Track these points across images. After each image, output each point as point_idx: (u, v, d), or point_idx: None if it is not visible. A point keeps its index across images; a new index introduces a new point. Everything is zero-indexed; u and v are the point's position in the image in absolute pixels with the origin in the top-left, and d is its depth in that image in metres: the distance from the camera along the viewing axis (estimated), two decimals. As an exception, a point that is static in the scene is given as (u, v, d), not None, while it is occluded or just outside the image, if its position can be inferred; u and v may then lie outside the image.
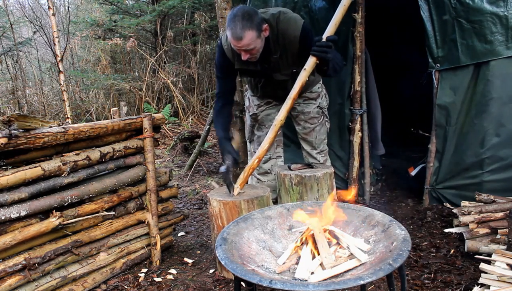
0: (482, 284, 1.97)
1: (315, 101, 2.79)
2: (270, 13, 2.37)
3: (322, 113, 2.84)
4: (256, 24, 2.16)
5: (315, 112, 2.80)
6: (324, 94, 2.85)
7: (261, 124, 2.91)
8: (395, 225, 1.46)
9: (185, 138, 5.28)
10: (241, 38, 2.13)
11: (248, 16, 2.14)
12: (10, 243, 1.83)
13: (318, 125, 2.84)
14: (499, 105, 2.77)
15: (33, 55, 8.47)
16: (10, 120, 1.77)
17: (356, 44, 3.12)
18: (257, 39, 2.20)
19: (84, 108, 7.24)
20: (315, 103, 2.79)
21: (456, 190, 3.02)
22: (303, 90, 2.72)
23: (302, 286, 1.15)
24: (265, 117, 2.87)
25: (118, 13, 7.75)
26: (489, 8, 2.68)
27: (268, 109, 2.86)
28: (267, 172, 2.96)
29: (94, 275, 2.25)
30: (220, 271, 2.41)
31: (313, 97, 2.78)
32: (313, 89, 2.77)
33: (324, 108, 2.85)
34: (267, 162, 2.95)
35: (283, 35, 2.35)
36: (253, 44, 2.20)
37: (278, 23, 2.34)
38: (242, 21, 2.13)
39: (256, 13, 2.20)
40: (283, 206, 1.74)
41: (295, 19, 2.35)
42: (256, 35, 2.18)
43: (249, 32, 2.14)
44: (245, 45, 2.17)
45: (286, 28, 2.33)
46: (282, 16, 2.34)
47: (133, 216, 2.46)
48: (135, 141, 2.44)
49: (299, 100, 2.77)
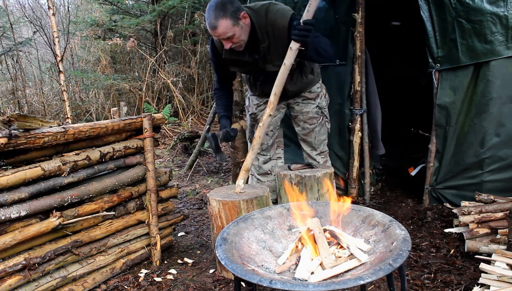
0: (482, 284, 1.97)
1: (314, 101, 2.77)
2: (260, 3, 2.41)
3: (322, 114, 2.83)
4: (230, 13, 2.19)
5: (314, 112, 2.79)
6: (324, 94, 2.84)
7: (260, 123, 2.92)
8: (395, 225, 1.46)
9: (185, 138, 5.28)
10: (216, 27, 2.19)
11: (222, 5, 2.19)
12: (10, 243, 1.83)
13: (317, 126, 2.83)
14: (499, 105, 2.77)
15: (33, 55, 8.47)
16: (10, 120, 1.77)
17: (356, 44, 3.12)
18: (233, 27, 2.22)
19: (84, 108, 7.24)
20: (314, 103, 2.77)
21: (456, 190, 3.02)
22: (301, 91, 2.74)
23: (302, 286, 1.14)
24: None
25: (118, 13, 7.75)
26: (489, 8, 2.68)
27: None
28: (267, 173, 2.96)
29: (94, 275, 2.25)
30: (220, 271, 2.41)
31: (312, 97, 2.77)
32: (312, 89, 2.76)
33: (323, 109, 2.83)
34: (267, 163, 2.96)
35: (272, 25, 2.36)
36: (230, 32, 2.22)
37: (267, 13, 2.36)
38: (215, 11, 2.18)
39: (231, 2, 2.23)
40: (283, 206, 1.74)
41: (284, 10, 2.37)
42: (231, 23, 2.20)
43: (223, 21, 2.18)
44: (222, 34, 2.22)
45: (275, 18, 2.35)
46: (272, 7, 2.37)
47: (133, 216, 2.46)
48: (135, 141, 2.44)
49: (298, 99, 2.77)
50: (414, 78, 4.28)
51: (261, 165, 2.97)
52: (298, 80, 2.65)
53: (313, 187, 2.45)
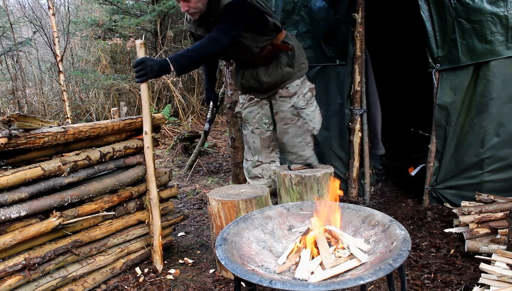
0: (482, 284, 1.96)
1: (290, 100, 2.66)
2: None
3: (298, 115, 2.69)
4: None
5: (289, 112, 2.67)
6: (303, 94, 2.68)
7: (245, 121, 2.90)
8: (395, 225, 1.46)
9: (185, 138, 5.28)
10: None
11: None
12: (10, 243, 1.83)
13: (291, 128, 2.70)
14: (499, 105, 2.77)
15: (33, 55, 8.47)
16: (10, 120, 1.77)
17: (356, 44, 3.12)
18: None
19: (84, 108, 7.24)
20: (289, 102, 2.66)
21: (456, 190, 3.02)
22: (276, 84, 2.65)
23: (302, 286, 1.15)
24: (248, 114, 2.86)
25: (118, 13, 7.74)
26: (489, 8, 2.68)
27: (250, 107, 2.83)
28: (257, 177, 2.94)
29: (94, 275, 2.25)
30: (220, 271, 2.41)
31: (287, 95, 2.66)
32: (290, 86, 2.65)
33: (301, 109, 2.69)
34: (257, 167, 2.92)
35: (217, 2, 2.35)
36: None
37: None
38: None
39: None
40: (283, 206, 1.74)
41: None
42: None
43: None
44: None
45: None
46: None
47: (133, 216, 2.46)
48: (135, 141, 2.44)
49: (275, 96, 2.70)
50: (414, 79, 4.29)
51: (250, 168, 2.93)
52: (273, 72, 2.59)
53: (313, 187, 2.45)
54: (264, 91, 2.71)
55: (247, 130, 2.91)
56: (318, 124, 2.79)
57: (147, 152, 2.31)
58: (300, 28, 3.36)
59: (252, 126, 2.88)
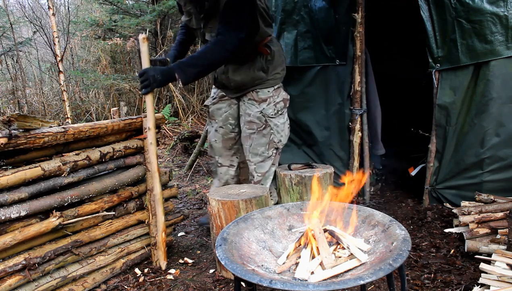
0: (482, 284, 1.97)
1: (259, 105, 2.58)
2: None
3: (265, 122, 2.58)
4: None
5: (256, 117, 2.58)
6: (275, 103, 2.57)
7: (211, 117, 2.85)
8: (395, 225, 1.46)
9: (185, 138, 5.28)
10: None
11: None
12: (10, 243, 1.83)
13: (255, 133, 2.60)
14: (499, 105, 2.77)
15: (33, 55, 8.47)
16: (10, 120, 1.77)
17: (356, 44, 3.12)
18: None
19: (84, 108, 7.24)
20: (257, 107, 2.58)
21: (456, 190, 3.02)
22: (245, 85, 2.56)
23: (302, 286, 1.15)
24: (215, 111, 2.81)
25: (118, 13, 7.74)
26: (489, 8, 2.68)
27: (219, 103, 2.78)
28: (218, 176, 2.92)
29: (94, 275, 2.25)
30: (220, 271, 2.41)
31: (257, 100, 2.58)
32: (261, 90, 2.57)
33: (269, 118, 2.58)
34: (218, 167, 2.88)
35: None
36: None
37: None
38: None
39: None
40: (283, 206, 1.74)
41: None
42: None
43: None
44: None
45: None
46: None
47: (133, 216, 2.46)
48: (135, 141, 2.44)
49: (244, 98, 2.63)
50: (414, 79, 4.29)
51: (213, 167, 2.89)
52: (243, 72, 2.54)
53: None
54: (232, 90, 2.65)
55: (211, 127, 2.84)
56: (284, 138, 2.68)
57: (150, 148, 2.31)
58: (300, 28, 3.36)
59: (217, 124, 2.80)
